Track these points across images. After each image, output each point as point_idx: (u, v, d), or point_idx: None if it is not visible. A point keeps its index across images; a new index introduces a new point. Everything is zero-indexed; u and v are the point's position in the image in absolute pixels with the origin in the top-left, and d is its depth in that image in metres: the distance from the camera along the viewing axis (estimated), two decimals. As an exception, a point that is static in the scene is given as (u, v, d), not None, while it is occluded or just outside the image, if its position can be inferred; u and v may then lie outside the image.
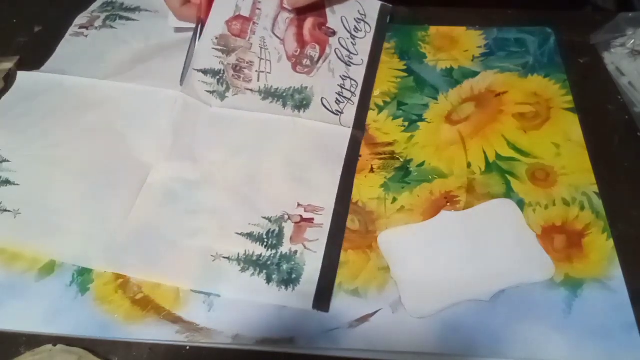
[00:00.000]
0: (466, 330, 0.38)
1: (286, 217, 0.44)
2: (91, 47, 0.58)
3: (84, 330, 0.39)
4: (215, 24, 0.53)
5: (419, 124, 0.50)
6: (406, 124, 0.51)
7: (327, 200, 0.45)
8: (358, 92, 0.53)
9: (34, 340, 0.39)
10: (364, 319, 0.39)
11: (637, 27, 0.55)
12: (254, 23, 0.54)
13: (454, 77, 0.54)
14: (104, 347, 0.39)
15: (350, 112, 0.51)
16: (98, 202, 0.45)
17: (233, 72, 0.52)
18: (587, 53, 0.55)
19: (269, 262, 0.42)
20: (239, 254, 0.42)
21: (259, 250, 0.43)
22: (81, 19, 0.61)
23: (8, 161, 0.47)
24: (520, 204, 0.44)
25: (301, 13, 0.56)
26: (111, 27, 0.60)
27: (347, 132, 0.50)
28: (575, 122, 0.50)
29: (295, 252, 0.42)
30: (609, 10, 0.81)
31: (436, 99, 0.52)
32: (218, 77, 0.52)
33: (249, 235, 0.43)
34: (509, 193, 0.45)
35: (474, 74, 0.54)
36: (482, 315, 0.39)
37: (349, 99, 0.52)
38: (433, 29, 0.58)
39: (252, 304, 0.40)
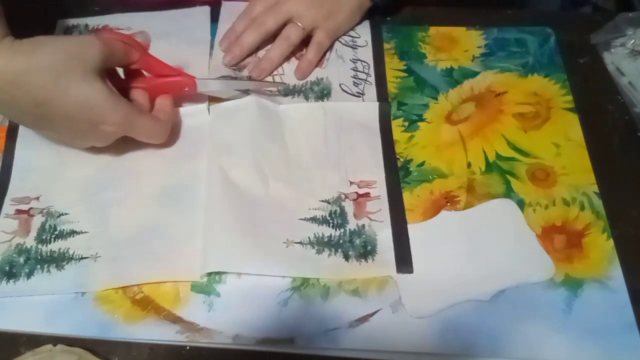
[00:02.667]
0: (466, 330, 0.38)
1: (343, 196, 0.45)
2: None
3: (84, 330, 0.39)
4: (220, 53, 0.55)
5: (419, 124, 0.50)
6: (406, 124, 0.51)
7: (376, 172, 0.46)
8: (372, 72, 0.54)
9: (34, 340, 0.39)
10: (364, 319, 0.39)
11: (637, 27, 0.55)
12: None
13: (454, 77, 0.54)
14: (104, 347, 0.39)
15: (370, 92, 0.52)
16: (179, 217, 0.44)
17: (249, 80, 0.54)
18: (587, 53, 0.55)
19: (340, 241, 0.43)
20: (309, 238, 0.43)
21: (327, 231, 0.43)
22: None
23: (67, 214, 0.45)
24: (520, 204, 0.44)
25: None
26: None
27: (375, 106, 0.51)
28: (575, 122, 0.50)
29: (363, 226, 0.43)
30: (609, 10, 0.81)
31: (436, 99, 0.52)
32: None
33: (313, 219, 0.44)
34: (509, 193, 0.45)
35: (474, 74, 0.54)
36: (482, 315, 0.39)
37: (365, 80, 0.53)
38: (433, 29, 0.58)
39: (251, 304, 0.40)
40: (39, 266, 0.42)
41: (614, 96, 0.52)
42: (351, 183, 0.46)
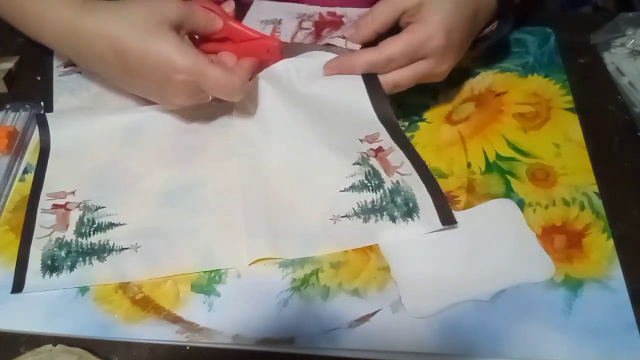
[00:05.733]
0: (466, 330, 0.38)
1: (365, 155, 0.46)
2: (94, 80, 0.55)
3: (84, 330, 0.39)
4: None
5: (419, 123, 0.51)
6: (406, 124, 0.51)
7: (373, 125, 0.47)
8: None
9: (34, 340, 0.39)
10: (364, 319, 0.39)
11: (637, 27, 0.55)
12: None
13: (453, 77, 0.54)
14: (104, 347, 0.39)
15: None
16: (216, 203, 0.46)
17: None
18: (587, 53, 0.55)
19: (384, 203, 0.43)
20: (354, 209, 0.43)
21: (369, 197, 0.44)
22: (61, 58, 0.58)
23: (103, 207, 0.46)
24: (520, 204, 0.44)
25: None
26: None
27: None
28: (575, 122, 0.50)
29: (398, 182, 0.44)
30: (609, 10, 0.81)
31: (436, 99, 0.52)
32: None
33: (353, 187, 0.44)
34: (509, 193, 0.45)
35: (474, 74, 0.54)
36: (482, 315, 0.39)
37: None
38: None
39: (251, 304, 0.40)
40: (80, 259, 0.43)
41: (614, 96, 0.52)
42: (361, 141, 0.46)
